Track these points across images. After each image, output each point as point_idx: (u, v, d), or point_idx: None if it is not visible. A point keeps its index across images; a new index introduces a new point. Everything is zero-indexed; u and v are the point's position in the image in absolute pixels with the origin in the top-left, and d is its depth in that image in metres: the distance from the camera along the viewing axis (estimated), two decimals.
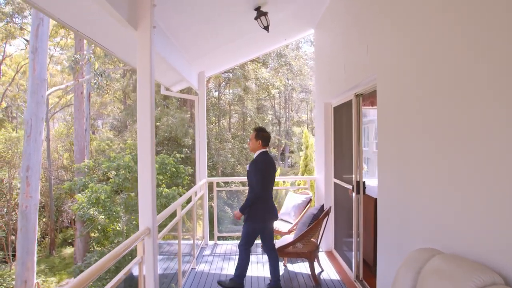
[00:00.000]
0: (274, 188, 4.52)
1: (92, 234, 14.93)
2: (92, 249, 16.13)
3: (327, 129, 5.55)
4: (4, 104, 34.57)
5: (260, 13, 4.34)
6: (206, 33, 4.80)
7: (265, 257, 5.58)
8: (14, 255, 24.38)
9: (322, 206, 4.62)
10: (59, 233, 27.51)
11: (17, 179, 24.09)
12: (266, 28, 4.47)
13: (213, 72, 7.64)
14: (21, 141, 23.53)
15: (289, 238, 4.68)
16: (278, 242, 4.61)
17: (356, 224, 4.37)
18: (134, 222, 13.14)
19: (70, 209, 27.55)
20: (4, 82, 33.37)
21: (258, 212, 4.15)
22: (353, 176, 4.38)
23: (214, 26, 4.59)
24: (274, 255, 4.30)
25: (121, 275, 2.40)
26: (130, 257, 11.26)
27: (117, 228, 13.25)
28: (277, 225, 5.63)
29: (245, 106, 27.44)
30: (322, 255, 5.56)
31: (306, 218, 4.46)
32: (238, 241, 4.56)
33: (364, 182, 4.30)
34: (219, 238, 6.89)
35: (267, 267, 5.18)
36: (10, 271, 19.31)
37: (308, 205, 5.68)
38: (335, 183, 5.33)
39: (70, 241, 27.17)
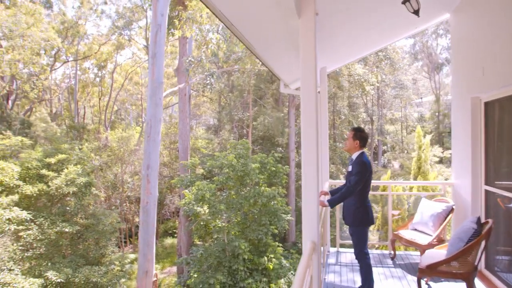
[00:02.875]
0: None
1: (194, 228, 15.79)
2: (194, 242, 17.12)
3: (475, 127, 4.83)
4: (115, 108, 39.11)
5: None
6: (340, 23, 4.48)
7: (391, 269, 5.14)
8: (125, 242, 27.31)
9: (479, 218, 4.01)
10: (161, 224, 29.93)
11: (128, 174, 26.91)
12: (416, 12, 4.02)
13: (334, 67, 7.29)
14: (130, 140, 26.17)
15: (435, 253, 4.17)
16: (426, 258, 4.12)
17: None
18: (235, 220, 13.49)
19: (172, 202, 29.89)
20: (115, 88, 37.65)
21: (366, 215, 4.11)
22: None
23: (349, 15, 4.26)
24: (366, 263, 4.13)
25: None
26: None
27: (219, 225, 13.77)
28: (412, 235, 5.09)
29: (335, 104, 26.62)
30: None
31: (463, 233, 3.90)
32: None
33: None
34: (339, 246, 6.44)
35: (392, 281, 4.75)
36: (122, 255, 21.59)
37: (450, 216, 5.02)
38: (486, 191, 4.63)
39: (170, 232, 29.46)
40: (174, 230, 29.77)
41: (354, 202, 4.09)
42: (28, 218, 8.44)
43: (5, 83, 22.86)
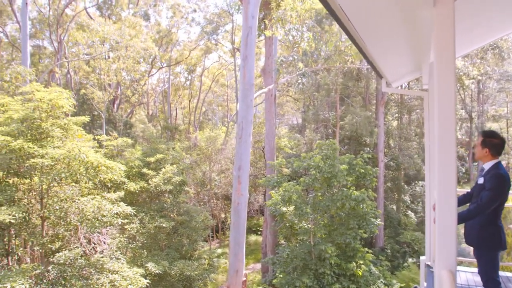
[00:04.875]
0: None
1: (279, 229, 15.84)
2: (279, 242, 17.22)
3: None
4: (203, 109, 41.51)
5: None
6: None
7: None
8: (212, 237, 28.72)
9: None
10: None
11: (215, 172, 28.26)
12: None
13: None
14: (217, 139, 27.41)
15: None
16: None
17: None
18: (321, 222, 13.20)
19: (256, 201, 30.58)
20: (203, 90, 39.90)
21: (497, 237, 3.40)
22: None
23: None
24: None
25: None
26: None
27: (305, 227, 13.60)
28: None
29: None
30: None
31: None
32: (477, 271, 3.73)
33: None
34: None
35: None
36: (209, 249, 22.69)
37: None
38: None
39: (254, 229, 30.15)
40: (258, 228, 30.41)
41: (480, 220, 3.41)
42: (132, 213, 9.24)
43: (112, 89, 25.70)
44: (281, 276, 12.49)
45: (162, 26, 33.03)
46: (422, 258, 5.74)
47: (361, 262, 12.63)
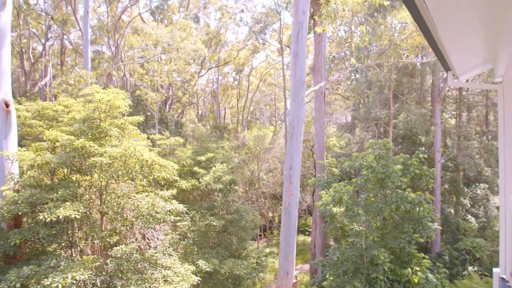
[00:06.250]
0: None
1: (329, 230, 15.44)
2: (328, 243, 16.81)
3: None
4: (252, 108, 41.87)
5: None
6: None
7: None
8: (260, 235, 28.78)
9: None
10: None
11: (263, 171, 28.31)
12: None
13: None
14: (265, 139, 27.41)
15: None
16: None
17: None
18: (373, 225, 12.65)
19: (304, 200, 30.19)
20: (251, 90, 40.20)
21: None
22: None
23: None
24: None
25: None
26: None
27: (356, 229, 13.11)
28: None
29: (489, 97, 22.56)
30: None
31: None
32: None
33: None
34: None
35: None
36: (257, 248, 22.71)
37: None
38: None
39: (302, 229, 29.77)
40: (306, 228, 30.02)
41: None
42: (184, 211, 9.41)
43: (164, 90, 26.70)
44: (331, 278, 12.15)
45: (211, 27, 33.74)
46: (495, 270, 5.17)
47: (417, 268, 11.91)
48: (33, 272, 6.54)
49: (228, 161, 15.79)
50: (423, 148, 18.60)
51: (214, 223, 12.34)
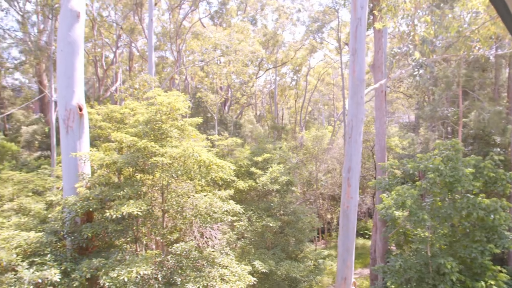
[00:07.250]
0: None
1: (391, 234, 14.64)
2: (389, 248, 15.94)
3: None
4: (310, 108, 41.32)
5: None
6: None
7: None
8: (318, 237, 28.22)
9: None
10: None
11: (321, 172, 27.76)
12: None
13: None
14: (324, 139, 26.85)
15: None
16: None
17: None
18: (440, 232, 11.74)
19: (364, 203, 29.08)
20: (309, 90, 39.68)
21: None
22: None
23: None
24: None
25: None
26: None
27: (421, 235, 12.28)
28: None
29: None
30: None
31: None
32: None
33: None
34: None
35: None
36: (315, 250, 22.24)
37: None
38: None
39: (361, 232, 28.63)
40: (366, 231, 28.85)
41: None
42: (241, 211, 9.50)
43: (223, 92, 27.39)
44: (392, 286, 11.49)
45: (268, 28, 33.89)
46: None
47: (492, 282, 10.78)
48: (102, 264, 7.02)
49: (286, 161, 15.66)
50: (498, 149, 16.84)
51: (271, 224, 12.31)
